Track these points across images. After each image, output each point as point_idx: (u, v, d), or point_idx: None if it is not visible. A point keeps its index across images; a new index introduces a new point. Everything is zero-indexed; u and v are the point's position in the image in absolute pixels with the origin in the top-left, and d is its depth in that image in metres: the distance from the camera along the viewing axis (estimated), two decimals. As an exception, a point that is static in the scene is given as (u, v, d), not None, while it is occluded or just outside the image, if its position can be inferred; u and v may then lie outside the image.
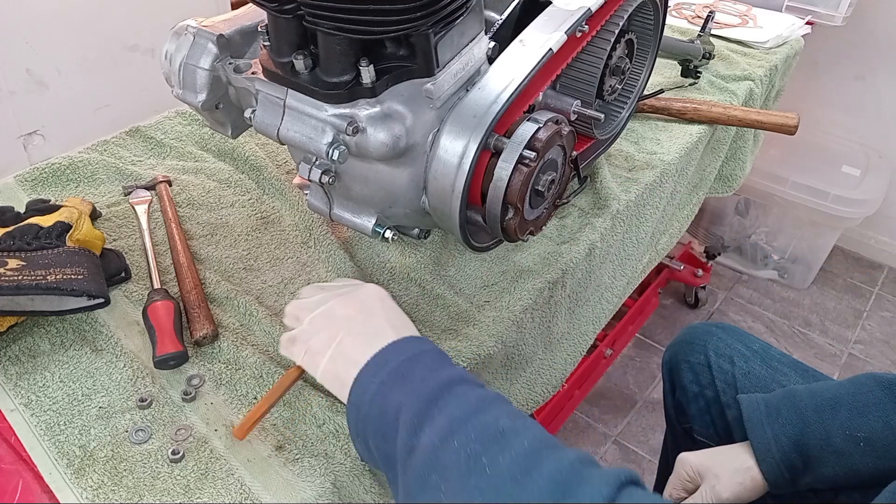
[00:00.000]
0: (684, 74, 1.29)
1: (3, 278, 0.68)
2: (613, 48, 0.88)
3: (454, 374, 0.57)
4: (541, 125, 0.72)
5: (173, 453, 0.64)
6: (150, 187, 0.96)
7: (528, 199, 0.74)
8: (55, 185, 0.96)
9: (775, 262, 2.11)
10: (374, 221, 0.78)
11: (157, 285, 0.80)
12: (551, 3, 0.82)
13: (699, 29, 1.32)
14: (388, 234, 0.79)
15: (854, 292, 2.10)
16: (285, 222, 0.92)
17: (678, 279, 1.94)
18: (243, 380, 0.71)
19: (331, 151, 0.68)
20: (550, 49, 0.76)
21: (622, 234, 1.00)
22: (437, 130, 0.72)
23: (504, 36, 0.80)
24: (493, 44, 0.77)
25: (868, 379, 0.77)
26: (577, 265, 0.90)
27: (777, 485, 0.77)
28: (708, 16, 1.31)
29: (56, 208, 0.80)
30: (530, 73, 0.74)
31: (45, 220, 0.77)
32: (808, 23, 1.54)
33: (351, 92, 0.67)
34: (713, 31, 1.39)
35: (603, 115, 0.90)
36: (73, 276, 0.72)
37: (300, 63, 0.67)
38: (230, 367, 0.72)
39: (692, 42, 1.29)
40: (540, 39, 0.77)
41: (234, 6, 1.50)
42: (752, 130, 1.34)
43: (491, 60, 0.77)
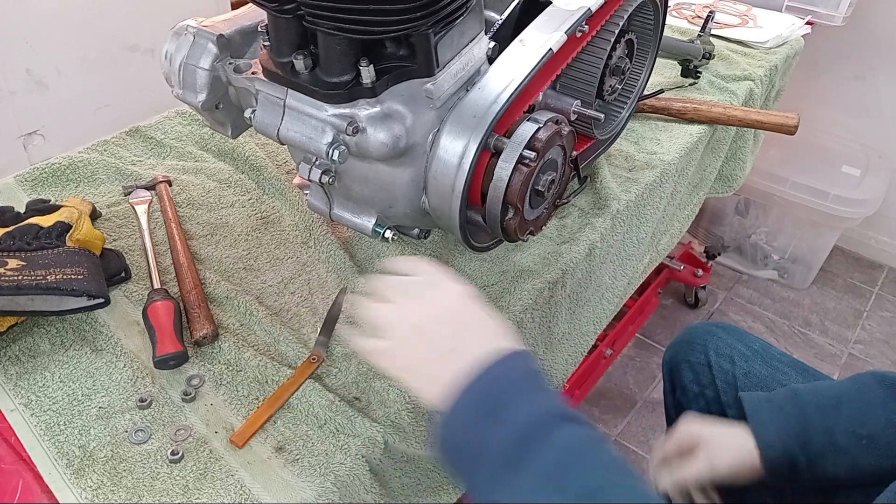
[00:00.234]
0: (684, 74, 1.29)
1: (3, 278, 0.68)
2: (613, 48, 0.88)
3: (545, 407, 0.54)
4: (541, 125, 0.72)
5: (173, 454, 0.64)
6: (150, 187, 0.96)
7: (528, 199, 0.74)
8: (55, 185, 0.96)
9: (775, 262, 2.11)
10: (374, 221, 0.78)
11: (157, 285, 0.79)
12: (551, 3, 0.82)
13: (699, 29, 1.32)
14: (388, 234, 0.79)
15: (854, 292, 2.10)
16: (285, 222, 0.92)
17: (678, 279, 1.94)
18: (243, 380, 0.71)
19: (331, 151, 0.68)
20: (550, 49, 0.76)
21: (622, 234, 1.00)
22: (437, 130, 0.72)
23: (504, 36, 0.80)
24: (493, 44, 0.76)
25: (870, 378, 0.77)
26: (578, 265, 0.90)
27: (775, 474, 0.76)
28: (708, 16, 1.31)
29: (56, 208, 0.80)
30: (530, 73, 0.74)
31: (45, 220, 0.77)
32: (808, 23, 1.54)
33: (351, 92, 0.67)
34: (713, 31, 1.39)
35: (603, 115, 0.90)
36: (73, 276, 0.72)
37: (300, 63, 0.67)
38: (230, 367, 0.72)
39: (692, 42, 1.29)
40: (540, 39, 0.77)
41: (234, 6, 1.50)
42: (752, 130, 1.34)
43: (491, 60, 0.77)
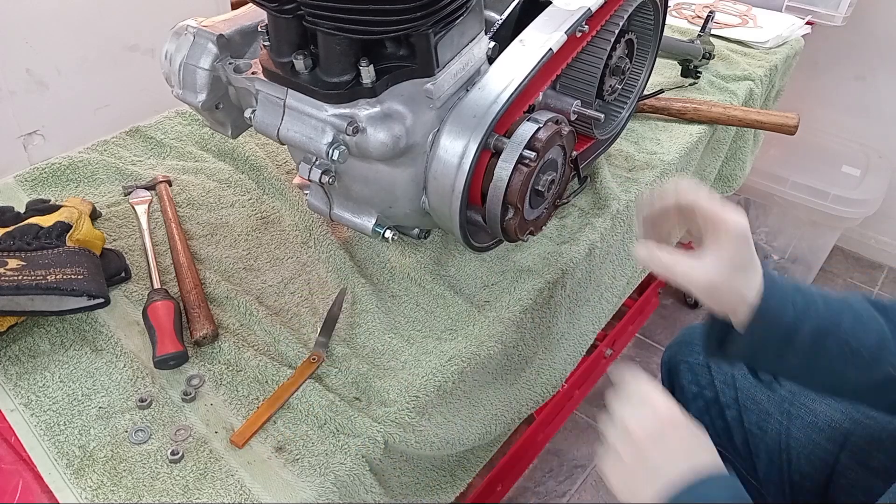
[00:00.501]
0: (684, 74, 1.29)
1: (3, 278, 0.68)
2: (613, 48, 0.88)
3: None
4: (541, 125, 0.72)
5: (173, 454, 0.64)
6: (150, 187, 0.96)
7: (528, 199, 0.74)
8: (55, 185, 0.96)
9: (775, 262, 2.11)
10: (374, 221, 0.78)
11: (157, 285, 0.79)
12: (551, 3, 0.82)
13: (699, 29, 1.32)
14: (388, 234, 0.79)
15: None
16: (285, 222, 0.92)
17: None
18: (243, 380, 0.71)
19: (331, 151, 0.68)
20: (550, 49, 0.76)
21: (622, 234, 1.00)
22: (437, 130, 0.72)
23: (504, 36, 0.80)
24: (493, 44, 0.76)
25: (862, 298, 0.68)
26: (577, 265, 0.90)
27: (768, 315, 0.63)
28: (708, 16, 1.31)
29: (56, 208, 0.80)
30: (530, 73, 0.74)
31: (45, 220, 0.77)
32: (808, 23, 1.54)
33: (351, 92, 0.67)
34: (713, 31, 1.39)
35: (603, 115, 0.90)
36: (73, 276, 0.72)
37: (300, 63, 0.67)
38: (230, 367, 0.72)
39: (692, 42, 1.29)
40: (540, 39, 0.77)
41: (234, 6, 1.50)
42: (752, 130, 1.34)
43: (491, 60, 0.77)
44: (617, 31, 0.87)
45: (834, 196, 1.81)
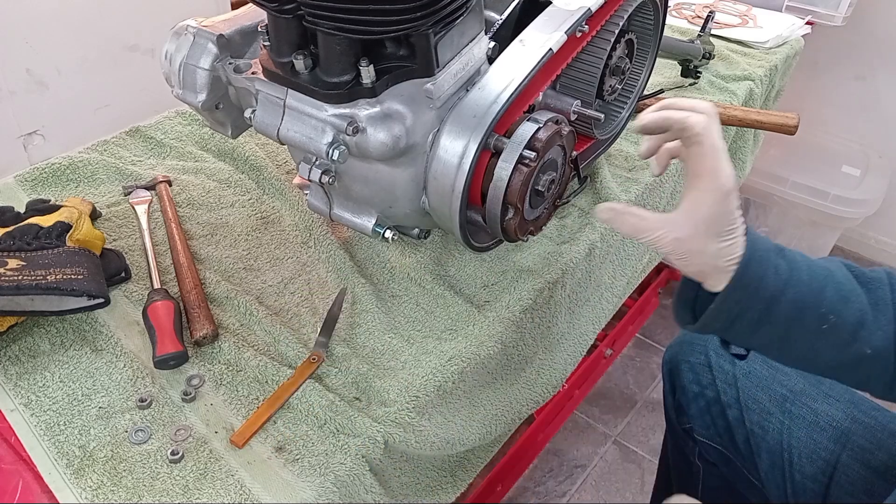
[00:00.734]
0: (684, 74, 1.29)
1: (3, 278, 0.68)
2: (613, 48, 0.88)
3: None
4: (541, 125, 0.72)
5: (173, 454, 0.64)
6: (150, 187, 0.96)
7: (528, 199, 0.74)
8: (55, 185, 0.96)
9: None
10: (374, 221, 0.78)
11: (157, 285, 0.79)
12: (551, 3, 0.82)
13: (699, 29, 1.32)
14: (388, 234, 0.79)
15: (854, 292, 2.10)
16: (285, 222, 0.92)
17: (678, 279, 1.94)
18: (243, 380, 0.71)
19: (331, 151, 0.68)
20: (550, 49, 0.76)
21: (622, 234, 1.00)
22: (437, 130, 0.72)
23: (504, 36, 0.80)
24: (493, 44, 0.76)
25: (844, 267, 0.63)
26: (577, 265, 0.90)
27: (747, 284, 0.58)
28: (708, 16, 1.31)
29: (56, 208, 0.80)
30: (530, 73, 0.74)
31: (45, 220, 0.77)
32: (808, 23, 1.54)
33: (351, 92, 0.67)
34: (713, 31, 1.39)
35: (603, 115, 0.90)
36: (73, 276, 0.72)
37: (300, 63, 0.67)
38: (230, 367, 0.72)
39: (692, 42, 1.29)
40: (540, 39, 0.77)
41: (234, 6, 1.50)
42: (752, 130, 1.34)
43: (491, 60, 0.77)
44: (617, 31, 0.87)
45: (834, 196, 1.81)
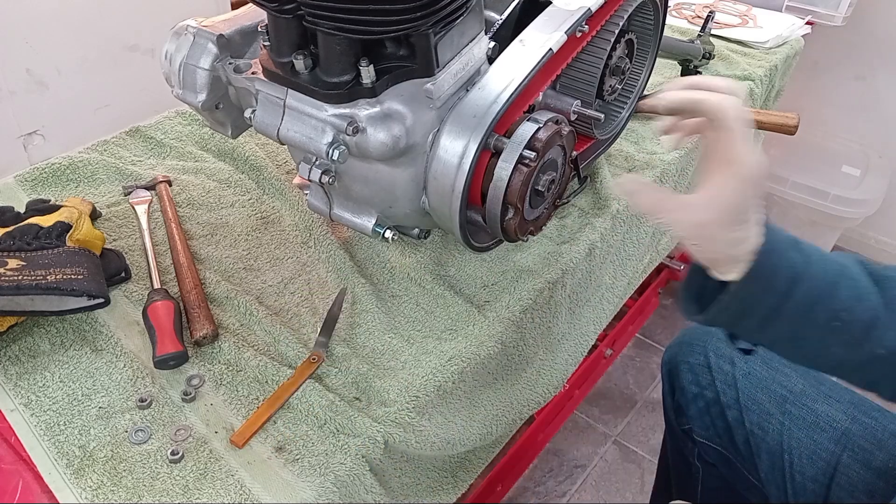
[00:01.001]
0: (684, 74, 1.29)
1: (3, 278, 0.68)
2: (613, 48, 0.88)
3: None
4: (541, 125, 0.72)
5: (173, 454, 0.64)
6: (150, 187, 0.96)
7: (528, 199, 0.74)
8: (55, 185, 0.96)
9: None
10: (374, 221, 0.78)
11: (157, 285, 0.79)
12: (551, 3, 0.82)
13: (699, 29, 1.32)
14: (388, 234, 0.79)
15: (854, 292, 2.10)
16: (285, 222, 0.92)
17: (678, 279, 1.93)
18: (243, 380, 0.71)
19: (331, 151, 0.68)
20: (550, 49, 0.76)
21: (622, 234, 1.00)
22: (437, 130, 0.72)
23: (504, 36, 0.80)
24: (493, 44, 0.76)
25: (858, 264, 0.61)
26: (578, 265, 0.90)
27: (761, 276, 0.57)
28: (708, 16, 1.31)
29: (56, 208, 0.80)
30: (530, 73, 0.74)
31: (45, 220, 0.77)
32: (808, 23, 1.54)
33: (351, 92, 0.67)
34: (713, 31, 1.39)
35: (603, 115, 0.90)
36: (73, 276, 0.72)
37: (300, 63, 0.67)
38: (230, 367, 0.72)
39: (692, 42, 1.29)
40: (540, 39, 0.77)
41: (234, 6, 1.50)
42: (752, 130, 1.34)
43: (491, 60, 0.77)
44: (617, 31, 0.87)
45: (834, 196, 1.81)
